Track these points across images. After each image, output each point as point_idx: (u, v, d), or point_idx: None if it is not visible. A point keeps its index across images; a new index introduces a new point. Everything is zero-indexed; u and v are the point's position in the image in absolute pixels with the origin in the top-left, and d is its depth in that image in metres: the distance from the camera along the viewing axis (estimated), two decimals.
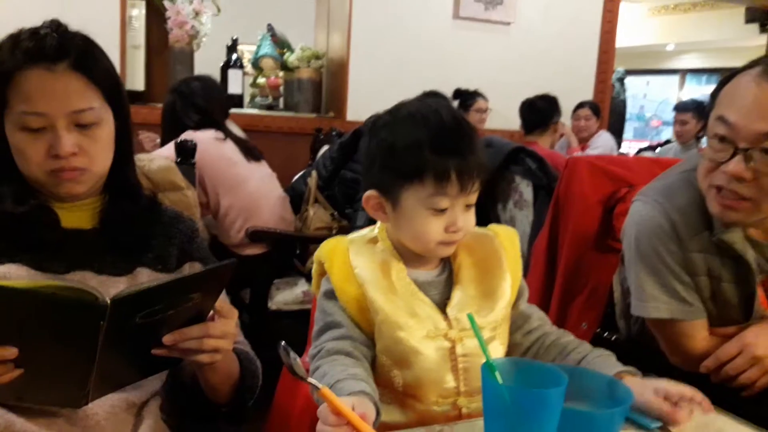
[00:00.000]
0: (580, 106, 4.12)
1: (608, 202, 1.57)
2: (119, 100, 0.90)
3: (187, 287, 0.74)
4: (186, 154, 1.35)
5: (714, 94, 1.10)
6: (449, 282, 0.91)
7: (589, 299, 1.54)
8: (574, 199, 1.60)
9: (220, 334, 0.79)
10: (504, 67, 3.99)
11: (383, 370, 0.86)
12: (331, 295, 0.88)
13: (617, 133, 5.15)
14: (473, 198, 0.87)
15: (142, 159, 1.18)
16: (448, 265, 0.93)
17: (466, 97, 3.80)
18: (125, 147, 0.93)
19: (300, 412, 1.01)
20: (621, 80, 5.80)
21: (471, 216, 0.88)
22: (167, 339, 0.76)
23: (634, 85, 8.48)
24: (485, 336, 0.87)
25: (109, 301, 0.67)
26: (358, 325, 0.86)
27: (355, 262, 0.88)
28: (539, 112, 3.50)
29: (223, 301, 0.82)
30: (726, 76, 1.10)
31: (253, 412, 0.97)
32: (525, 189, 2.73)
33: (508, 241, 0.96)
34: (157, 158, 1.21)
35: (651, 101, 9.86)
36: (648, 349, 1.31)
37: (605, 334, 1.49)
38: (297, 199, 2.55)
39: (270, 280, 2.29)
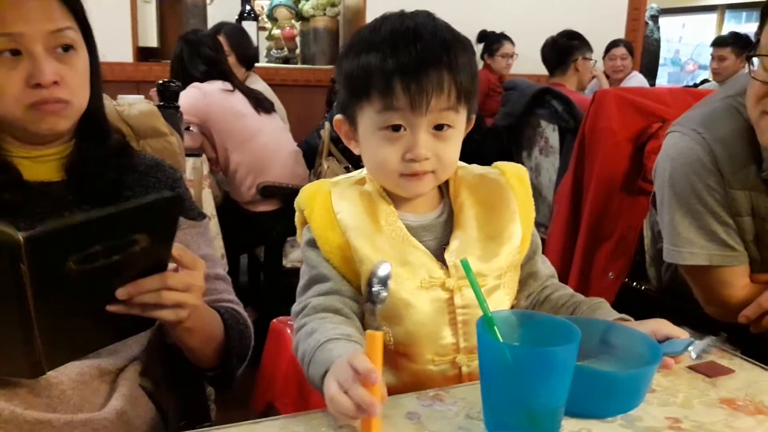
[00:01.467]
0: (614, 44, 3.87)
1: (639, 139, 1.44)
2: (89, 29, 0.81)
3: (122, 224, 0.64)
4: (168, 97, 1.25)
5: (765, 10, 0.95)
6: (449, 225, 0.80)
7: (617, 247, 1.42)
8: (601, 137, 1.47)
9: (183, 287, 0.69)
10: (531, 8, 3.77)
11: (381, 322, 0.76)
12: (313, 244, 0.78)
13: (651, 74, 4.86)
14: (444, 117, 0.73)
15: (121, 103, 1.09)
16: (448, 206, 0.82)
17: (492, 41, 3.61)
18: (95, 84, 0.84)
19: (285, 377, 0.93)
20: (655, 18, 5.47)
21: (446, 146, 0.75)
22: (120, 292, 0.66)
23: (668, 28, 8.04)
24: (489, 285, 0.76)
25: (22, 239, 0.57)
26: (346, 277, 0.77)
27: (338, 206, 0.78)
28: (559, 49, 3.29)
29: (183, 250, 0.72)
30: None
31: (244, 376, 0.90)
32: (551, 134, 2.58)
33: (515, 178, 0.84)
34: (138, 102, 1.12)
35: (687, 45, 9.37)
36: (681, 299, 1.21)
37: (634, 284, 1.38)
38: (311, 152, 2.45)
39: (284, 237, 2.22)
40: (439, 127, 0.74)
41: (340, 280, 0.77)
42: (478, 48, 3.58)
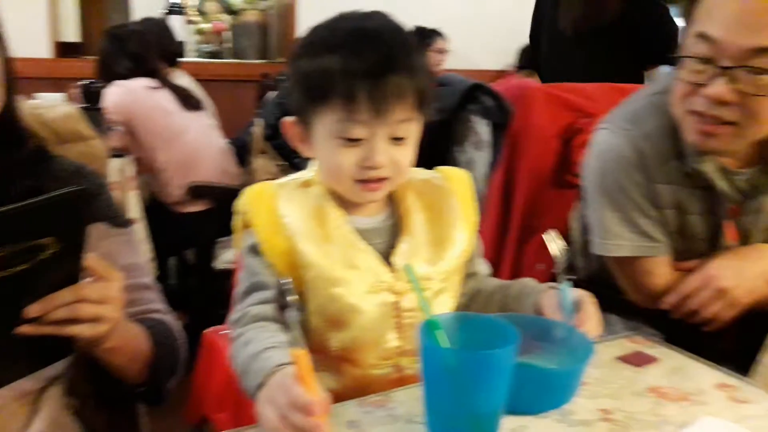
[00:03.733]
0: None
1: (566, 134, 1.48)
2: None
3: (24, 225, 0.57)
4: (92, 98, 1.19)
5: (689, 8, 0.99)
6: (396, 228, 0.80)
7: None
8: (529, 132, 1.50)
9: (99, 298, 0.64)
10: (462, 4, 3.82)
11: (315, 335, 0.76)
12: (255, 250, 0.76)
13: None
14: (404, 130, 0.74)
15: (39, 106, 1.03)
16: (394, 209, 0.82)
17: (425, 36, 3.64)
18: (9, 85, 0.78)
19: (219, 390, 0.90)
20: None
21: (402, 152, 0.75)
22: (31, 310, 0.59)
23: None
24: (434, 288, 0.77)
25: None
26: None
27: (284, 209, 0.76)
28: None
29: (95, 259, 0.67)
30: None
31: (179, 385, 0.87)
32: (482, 129, 2.64)
33: (459, 183, 0.85)
34: (59, 105, 1.06)
35: None
36: (608, 287, 1.25)
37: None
38: (242, 150, 2.40)
39: (214, 238, 2.17)
40: (398, 138, 0.74)
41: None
42: None
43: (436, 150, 2.74)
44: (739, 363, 1.00)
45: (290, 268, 0.74)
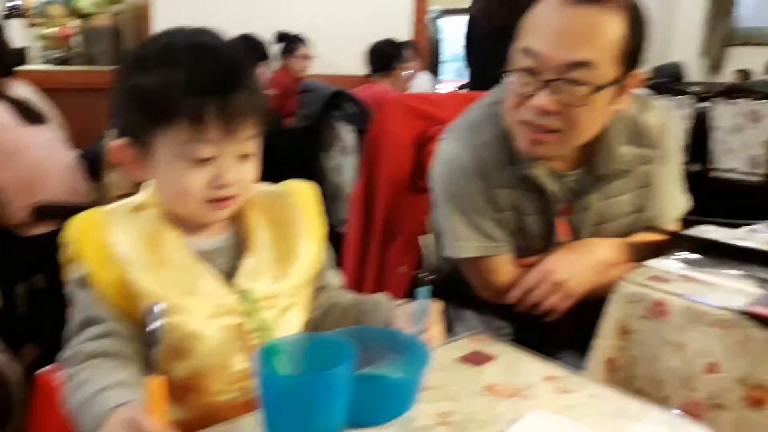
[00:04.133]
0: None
1: (420, 142, 1.54)
2: None
3: None
4: None
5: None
6: (240, 247, 0.79)
7: (408, 242, 1.51)
8: (387, 140, 1.54)
9: None
10: (324, 10, 3.84)
11: (157, 366, 0.72)
12: (83, 282, 0.72)
13: (433, 73, 5.25)
14: (250, 146, 0.74)
15: None
16: (238, 227, 0.80)
17: (290, 42, 3.62)
18: None
19: None
20: (436, 19, 5.91)
21: (248, 168, 0.74)
22: None
23: (452, 26, 8.71)
24: (282, 305, 0.77)
25: None
26: (125, 315, 0.72)
27: (114, 237, 0.72)
28: (384, 55, 3.46)
29: None
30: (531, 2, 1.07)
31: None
32: (347, 135, 2.67)
33: (303, 196, 0.86)
34: None
35: None
36: (463, 286, 1.32)
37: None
38: (95, 164, 2.25)
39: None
40: (246, 156, 0.73)
41: (116, 320, 0.71)
42: (275, 49, 3.57)
43: (303, 157, 2.74)
44: (579, 347, 1.10)
45: (123, 299, 0.71)
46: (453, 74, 9.48)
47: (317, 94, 2.67)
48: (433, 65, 5.70)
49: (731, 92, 4.17)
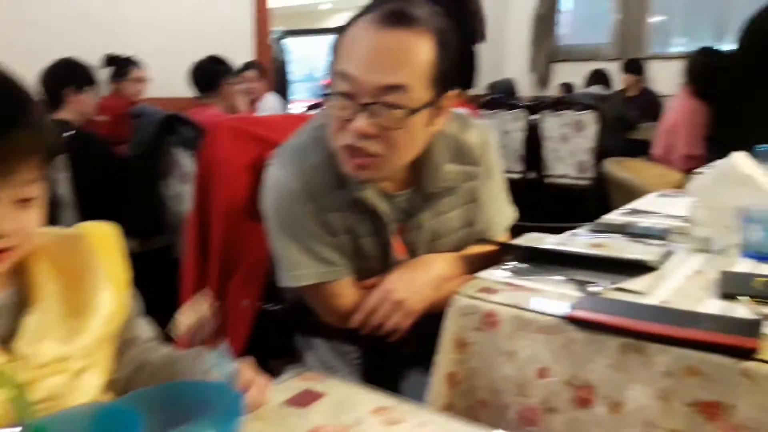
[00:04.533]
0: (246, 67, 4.02)
1: (256, 166, 1.48)
2: None
3: None
4: None
5: (334, 47, 1.05)
6: (21, 305, 0.68)
7: (249, 273, 1.44)
8: (219, 165, 1.46)
9: None
10: (158, 32, 3.66)
11: None
12: None
13: (281, 94, 5.22)
14: (33, 190, 0.64)
15: None
16: (19, 282, 0.69)
17: (121, 65, 3.40)
18: None
19: None
20: (279, 40, 5.89)
21: (30, 215, 0.65)
22: None
23: (300, 47, 8.74)
24: (75, 367, 0.67)
25: None
26: None
27: None
28: (207, 73, 3.30)
29: None
30: (343, 26, 1.06)
31: None
32: (185, 161, 2.53)
33: (101, 239, 0.76)
34: None
35: (320, 61, 10.32)
36: (309, 312, 1.28)
37: (268, 306, 1.42)
38: None
39: None
40: (25, 200, 0.63)
41: None
42: (106, 73, 3.34)
43: (139, 187, 2.56)
44: (425, 364, 1.09)
45: None
46: (304, 94, 9.50)
47: (150, 119, 2.51)
48: (281, 86, 5.65)
49: (557, 105, 4.55)
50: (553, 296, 1.00)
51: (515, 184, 5.17)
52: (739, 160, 1.30)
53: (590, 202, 3.90)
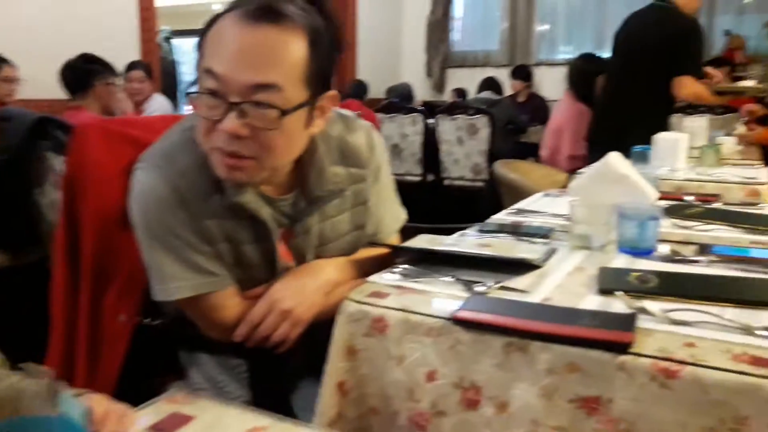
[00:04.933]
0: (130, 67, 3.81)
1: (131, 172, 1.38)
2: None
3: None
4: None
5: (199, 44, 0.99)
6: None
7: (125, 286, 1.33)
8: (89, 170, 1.34)
9: None
10: (38, 30, 3.38)
11: None
12: None
13: (171, 95, 5.00)
14: None
15: None
16: None
17: None
18: None
19: None
20: (168, 39, 5.65)
21: None
22: None
23: (193, 47, 8.43)
24: None
25: None
26: None
27: None
28: (78, 73, 3.08)
29: None
30: (208, 21, 1.00)
31: None
32: (61, 166, 2.35)
33: None
34: None
35: None
36: (192, 326, 1.20)
37: (147, 321, 1.32)
38: None
39: None
40: None
41: None
42: None
43: (8, 194, 2.33)
44: (318, 374, 1.05)
45: None
46: None
47: (19, 122, 2.29)
48: (172, 87, 5.41)
49: (452, 109, 4.68)
50: (442, 297, 0.99)
51: (415, 187, 5.31)
52: (615, 160, 1.36)
53: (485, 202, 4.01)
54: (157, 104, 3.80)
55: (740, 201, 1.78)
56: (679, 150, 2.26)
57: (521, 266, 1.12)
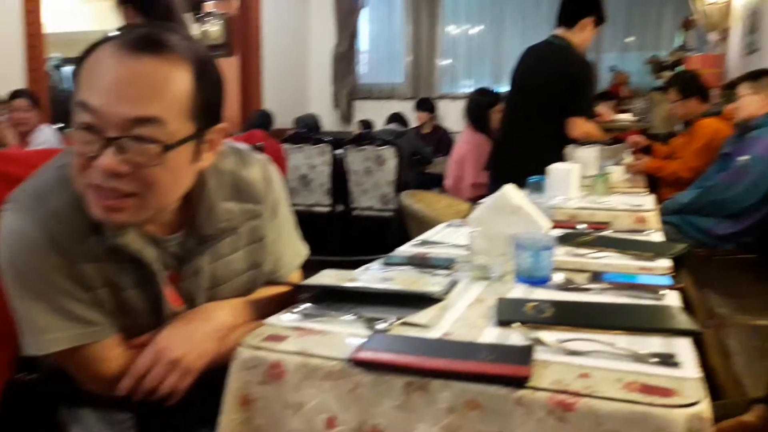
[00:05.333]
0: (15, 96, 3.57)
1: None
2: None
3: None
4: None
5: (74, 75, 0.92)
6: None
7: None
8: None
9: None
10: None
11: None
12: None
13: (65, 126, 4.74)
14: None
15: None
16: None
17: None
18: None
19: None
20: (58, 67, 5.38)
21: None
22: None
23: None
24: None
25: None
26: None
27: None
28: None
29: None
30: (84, 51, 0.93)
31: None
32: None
33: None
34: None
35: None
36: (71, 380, 1.10)
37: (21, 376, 1.20)
38: None
39: None
40: None
41: None
42: None
43: None
44: (213, 426, 0.98)
45: None
46: None
47: None
48: (63, 117, 5.11)
49: (359, 140, 4.71)
50: (343, 337, 0.96)
51: (324, 217, 5.27)
52: (510, 192, 1.39)
53: (394, 232, 4.04)
54: (45, 136, 3.56)
55: (629, 228, 1.87)
56: (571, 179, 2.36)
57: (423, 300, 1.10)
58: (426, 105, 5.96)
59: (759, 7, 4.39)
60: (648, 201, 2.33)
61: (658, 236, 1.76)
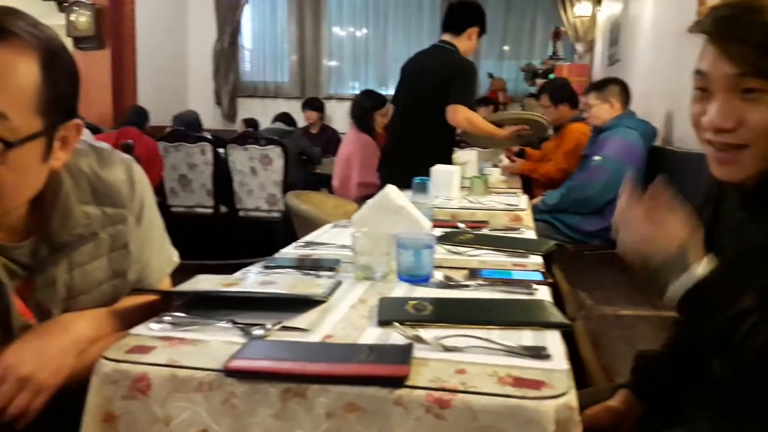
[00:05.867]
0: None
1: None
2: None
3: None
4: None
5: None
6: None
7: None
8: None
9: None
10: None
11: None
12: None
13: None
14: None
15: None
16: None
17: None
18: None
19: None
20: None
21: None
22: None
23: None
24: None
25: None
26: None
27: None
28: None
29: None
30: None
31: None
32: None
33: None
34: None
35: None
36: None
37: None
38: None
39: None
40: None
41: None
42: None
43: None
44: None
45: None
46: None
47: None
48: None
49: (243, 139, 4.57)
50: (216, 346, 0.91)
51: (207, 219, 5.07)
52: (392, 192, 1.40)
53: (282, 233, 3.97)
54: None
55: (505, 226, 1.95)
56: (453, 180, 2.43)
57: (305, 303, 1.07)
58: (314, 104, 5.91)
59: (619, 22, 4.78)
60: (522, 201, 2.44)
61: (531, 234, 1.84)
